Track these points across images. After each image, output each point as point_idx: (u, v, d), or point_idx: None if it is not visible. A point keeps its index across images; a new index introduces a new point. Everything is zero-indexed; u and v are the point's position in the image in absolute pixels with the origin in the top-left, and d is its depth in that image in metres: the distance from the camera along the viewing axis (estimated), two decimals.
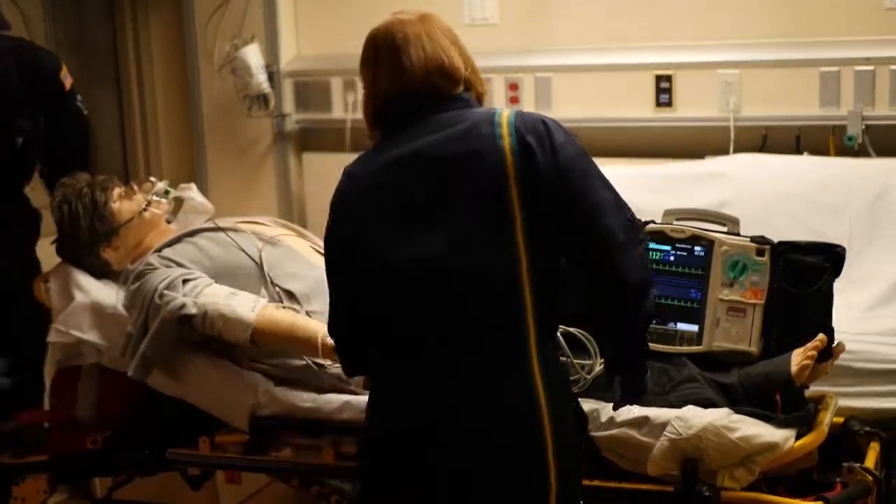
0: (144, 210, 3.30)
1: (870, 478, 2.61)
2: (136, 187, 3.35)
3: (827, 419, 2.71)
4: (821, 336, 2.73)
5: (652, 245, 2.86)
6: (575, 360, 2.73)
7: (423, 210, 2.21)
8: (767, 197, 3.89)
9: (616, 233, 2.21)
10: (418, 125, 2.27)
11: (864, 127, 4.01)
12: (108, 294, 3.23)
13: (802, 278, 2.80)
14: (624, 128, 4.40)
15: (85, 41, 4.93)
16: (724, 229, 2.93)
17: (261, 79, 4.63)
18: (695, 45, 4.27)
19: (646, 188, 4.01)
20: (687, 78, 4.26)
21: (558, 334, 2.68)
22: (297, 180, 4.89)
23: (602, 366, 2.71)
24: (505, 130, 2.21)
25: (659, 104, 4.30)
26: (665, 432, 2.56)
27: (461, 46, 2.40)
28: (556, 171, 2.20)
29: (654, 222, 2.91)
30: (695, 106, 4.26)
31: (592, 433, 2.61)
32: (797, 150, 4.13)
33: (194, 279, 3.04)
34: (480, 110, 2.32)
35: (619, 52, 4.36)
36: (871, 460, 2.69)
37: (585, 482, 2.59)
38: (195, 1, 4.85)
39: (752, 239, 2.86)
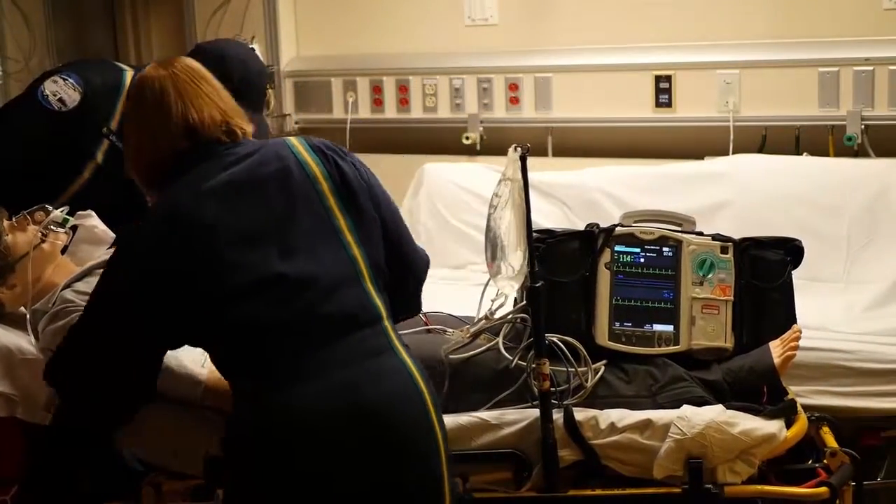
0: (42, 242, 2.92)
1: (848, 458, 2.66)
2: (28, 217, 2.95)
3: (800, 408, 2.75)
4: (795, 326, 2.81)
5: (622, 248, 2.89)
6: (571, 369, 2.72)
7: (264, 228, 2.24)
8: (767, 197, 3.90)
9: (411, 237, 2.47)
10: (209, 163, 2.29)
11: (863, 127, 4.03)
12: (12, 339, 2.85)
13: (767, 273, 2.88)
14: (623, 128, 4.41)
15: (85, 42, 4.93)
16: (680, 229, 2.97)
17: None
18: (694, 45, 4.28)
19: (645, 188, 4.03)
20: (686, 78, 4.27)
21: (556, 340, 2.70)
22: None
23: (598, 375, 2.72)
24: (301, 148, 2.33)
25: (658, 104, 4.31)
26: (669, 433, 2.57)
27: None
28: (363, 181, 2.35)
29: (622, 225, 2.93)
30: (694, 106, 4.27)
31: (592, 441, 2.61)
32: (797, 151, 4.14)
33: None
34: (261, 140, 2.39)
35: (618, 53, 4.37)
36: (832, 443, 2.73)
37: (587, 493, 2.61)
38: (195, 2, 4.87)
39: (714, 237, 2.91)
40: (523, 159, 2.63)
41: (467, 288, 3.40)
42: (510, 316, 2.77)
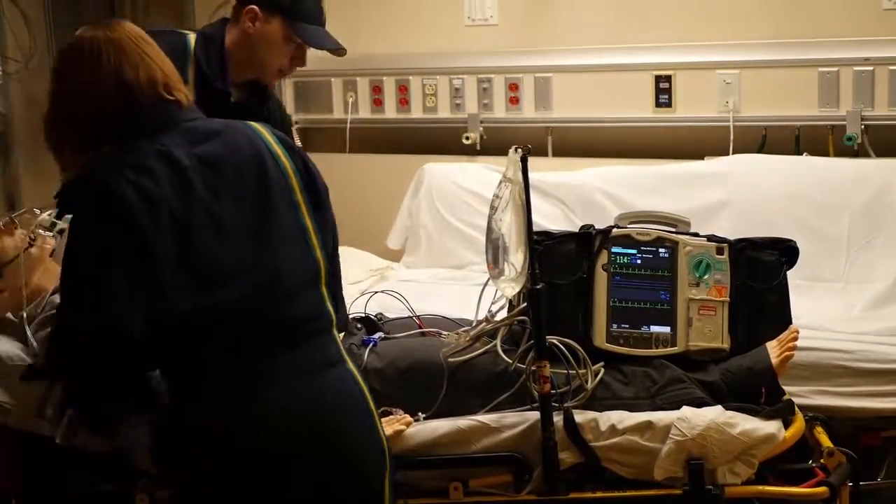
0: (30, 246, 2.81)
1: (844, 457, 2.68)
2: (15, 221, 2.86)
3: (797, 408, 2.77)
4: (793, 327, 2.82)
5: (619, 250, 2.90)
6: (571, 371, 2.71)
7: (241, 217, 2.12)
8: (767, 197, 3.91)
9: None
10: (169, 132, 2.14)
11: (863, 127, 4.03)
12: (2, 346, 2.75)
13: (763, 273, 2.90)
14: (623, 128, 4.41)
15: None
16: (675, 230, 2.97)
17: None
18: (694, 45, 4.28)
19: (645, 188, 4.03)
20: (686, 78, 4.28)
21: (557, 342, 2.70)
22: None
23: (598, 377, 2.72)
24: (270, 138, 2.21)
25: (658, 104, 4.31)
26: (670, 435, 2.57)
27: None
28: (321, 181, 2.26)
29: (618, 227, 2.93)
30: (694, 106, 4.27)
31: (593, 444, 2.61)
32: (796, 151, 4.14)
33: None
34: (220, 120, 2.23)
35: (618, 53, 4.37)
36: (827, 442, 2.74)
37: (588, 495, 2.62)
38: (195, 1, 4.86)
39: (709, 238, 2.92)
40: (524, 161, 2.62)
41: (467, 288, 3.40)
42: (512, 318, 2.76)
